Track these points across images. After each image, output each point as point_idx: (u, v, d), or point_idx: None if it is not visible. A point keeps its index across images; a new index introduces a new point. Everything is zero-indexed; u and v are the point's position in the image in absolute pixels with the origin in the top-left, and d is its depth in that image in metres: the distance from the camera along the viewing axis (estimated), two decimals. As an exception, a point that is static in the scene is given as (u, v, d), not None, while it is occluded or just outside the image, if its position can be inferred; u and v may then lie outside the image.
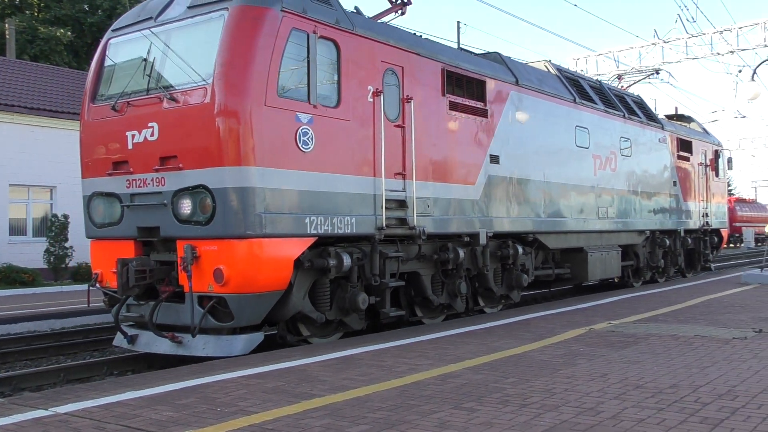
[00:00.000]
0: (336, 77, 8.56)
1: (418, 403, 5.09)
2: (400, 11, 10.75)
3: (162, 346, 8.19)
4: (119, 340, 8.77)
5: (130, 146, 8.28)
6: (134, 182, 8.30)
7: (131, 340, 8.52)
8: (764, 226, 51.53)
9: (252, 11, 7.85)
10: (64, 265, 19.68)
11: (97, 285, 8.77)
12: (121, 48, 8.93)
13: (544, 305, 11.82)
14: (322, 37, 8.37)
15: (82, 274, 19.56)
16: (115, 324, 8.60)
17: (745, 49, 29.81)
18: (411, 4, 10.74)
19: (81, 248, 20.12)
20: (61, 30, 33.30)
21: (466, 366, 6.47)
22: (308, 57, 8.20)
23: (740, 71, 29.80)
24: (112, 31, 9.26)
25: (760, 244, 47.56)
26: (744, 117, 41.24)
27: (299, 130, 8.00)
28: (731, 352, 7.01)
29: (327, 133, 8.34)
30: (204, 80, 7.74)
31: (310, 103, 8.17)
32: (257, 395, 5.47)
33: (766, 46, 29.00)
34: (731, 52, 30.07)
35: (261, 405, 5.14)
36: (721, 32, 29.53)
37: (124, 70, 8.78)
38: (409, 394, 5.38)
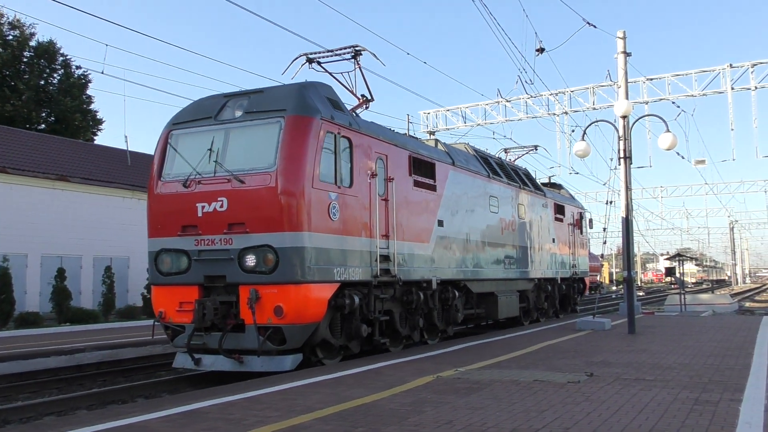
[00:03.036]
0: (349, 165, 11.24)
1: (266, 458, 4.96)
2: (365, 106, 13.27)
3: (226, 365, 10.37)
4: (180, 362, 10.86)
5: (199, 214, 10.51)
6: (202, 241, 10.51)
7: (197, 362, 10.57)
8: (596, 275, 55.26)
9: (302, 120, 10.47)
10: None
11: (160, 321, 10.86)
12: (184, 138, 11.23)
13: (394, 354, 11.98)
14: (342, 136, 11.11)
15: None
16: (187, 350, 10.49)
17: (576, 111, 32.37)
18: (374, 100, 13.28)
19: None
20: None
21: (315, 417, 6.40)
22: (335, 151, 10.89)
23: (573, 131, 32.25)
24: (173, 124, 11.48)
25: (593, 292, 50.97)
26: (577, 173, 44.43)
27: (330, 204, 10.65)
28: (566, 395, 7.41)
29: (345, 206, 11.00)
30: (268, 168, 10.22)
31: (336, 184, 10.83)
32: (92, 456, 5.11)
33: (594, 108, 31.64)
34: (565, 112, 32.54)
35: (95, 467, 4.81)
36: (556, 94, 31.92)
37: (188, 155, 10.89)
38: (256, 449, 5.23)
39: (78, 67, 43.42)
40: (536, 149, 23.72)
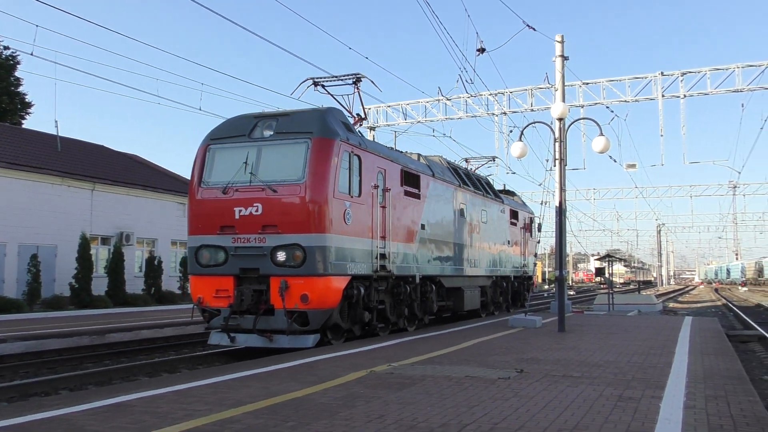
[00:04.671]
0: (358, 178, 13.24)
1: (193, 452, 4.88)
2: (360, 123, 15.35)
3: (258, 342, 12.25)
4: (216, 339, 12.69)
5: (237, 216, 12.39)
6: (239, 239, 12.39)
7: (232, 339, 12.40)
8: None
9: (326, 141, 12.44)
10: None
11: (198, 306, 12.73)
12: (221, 151, 13.10)
13: (328, 348, 11.96)
14: (354, 154, 13.10)
15: None
16: (225, 329, 12.39)
17: (515, 112, 32.89)
18: (366, 119, 15.58)
19: None
20: None
21: (245, 410, 6.33)
22: (349, 167, 12.89)
23: (511, 131, 32.75)
24: (211, 139, 13.32)
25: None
26: (514, 173, 45.20)
27: (345, 211, 12.65)
28: (496, 391, 7.52)
29: (356, 212, 13.02)
30: (297, 180, 12.18)
31: (350, 194, 12.85)
32: (10, 450, 4.93)
33: (532, 110, 32.20)
34: (503, 113, 33.03)
35: (13, 461, 4.64)
36: (495, 95, 32.34)
37: (226, 166, 12.84)
38: (183, 443, 5.14)
39: (6, 48, 41.82)
40: (494, 160, 26.30)
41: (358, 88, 15.20)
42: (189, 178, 13.42)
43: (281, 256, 12.04)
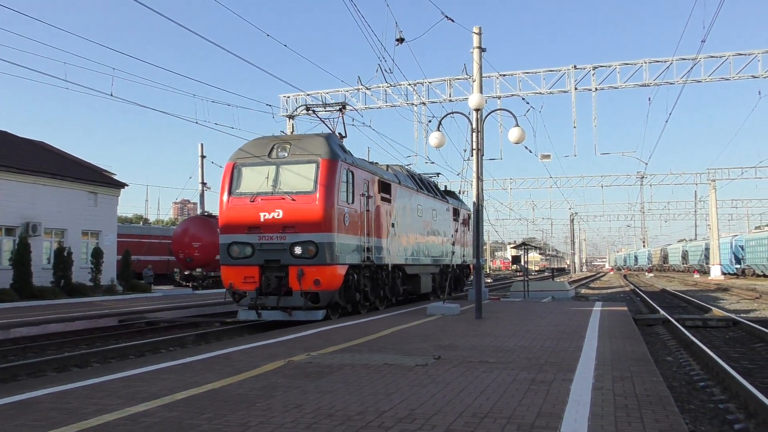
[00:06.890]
0: (352, 189, 16.59)
1: (104, 448, 4.73)
2: (342, 139, 18.38)
3: (279, 316, 15.59)
4: (244, 316, 16.00)
5: (261, 219, 15.68)
6: (263, 237, 15.67)
7: (259, 315, 15.67)
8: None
9: (331, 162, 15.80)
10: None
11: (230, 290, 16.00)
12: (246, 168, 16.35)
13: (245, 338, 11.81)
14: (350, 171, 16.48)
15: None
16: (254, 307, 15.64)
17: (434, 102, 33.24)
18: (347, 137, 18.99)
19: None
20: None
21: (160, 403, 6.19)
22: (346, 181, 16.28)
23: (429, 121, 33.09)
24: (237, 159, 16.52)
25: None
26: (433, 163, 45.65)
27: (345, 215, 16.04)
28: (414, 378, 7.62)
29: (350, 216, 16.36)
30: (310, 192, 15.52)
31: (347, 202, 16.28)
32: None
33: (451, 100, 32.63)
34: (423, 103, 33.33)
35: None
36: (414, 85, 32.58)
37: (251, 180, 16.16)
38: (93, 439, 4.98)
39: None
40: (438, 175, 30.09)
41: (342, 113, 19.28)
42: (100, 167, 15.27)
43: (298, 250, 15.33)
